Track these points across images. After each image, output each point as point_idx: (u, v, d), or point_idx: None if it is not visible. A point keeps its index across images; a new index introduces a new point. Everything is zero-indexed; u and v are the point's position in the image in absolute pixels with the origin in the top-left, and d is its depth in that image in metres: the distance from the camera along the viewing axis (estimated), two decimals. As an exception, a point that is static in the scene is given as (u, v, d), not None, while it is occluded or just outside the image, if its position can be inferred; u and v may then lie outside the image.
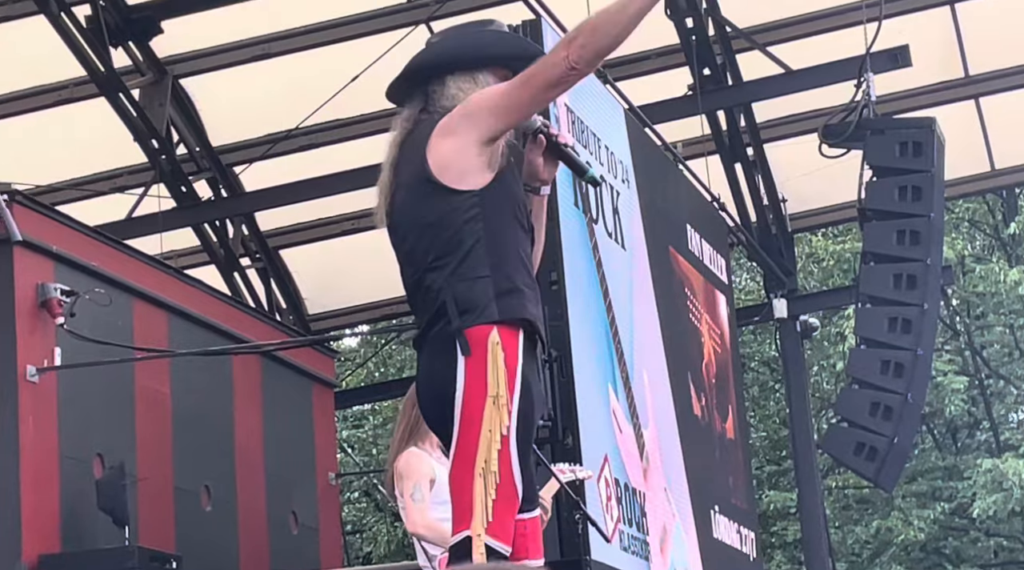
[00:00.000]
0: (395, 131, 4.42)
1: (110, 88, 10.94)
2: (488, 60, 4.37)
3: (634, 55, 11.53)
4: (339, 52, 11.22)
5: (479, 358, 4.11)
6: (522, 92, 4.16)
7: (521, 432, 4.13)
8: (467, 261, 4.18)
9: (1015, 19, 11.89)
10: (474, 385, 4.10)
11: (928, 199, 10.56)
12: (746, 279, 20.71)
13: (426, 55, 4.45)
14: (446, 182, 4.22)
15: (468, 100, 4.23)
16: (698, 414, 10.05)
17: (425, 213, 4.24)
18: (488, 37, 4.45)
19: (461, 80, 4.33)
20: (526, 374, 4.14)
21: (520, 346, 4.15)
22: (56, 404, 7.88)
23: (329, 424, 10.96)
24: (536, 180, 4.45)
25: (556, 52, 4.13)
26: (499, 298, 4.15)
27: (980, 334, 20.92)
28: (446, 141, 4.22)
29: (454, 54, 4.39)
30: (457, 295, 4.16)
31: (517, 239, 4.26)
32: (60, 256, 7.99)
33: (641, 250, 9.36)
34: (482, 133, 4.19)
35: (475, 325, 4.13)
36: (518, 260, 4.24)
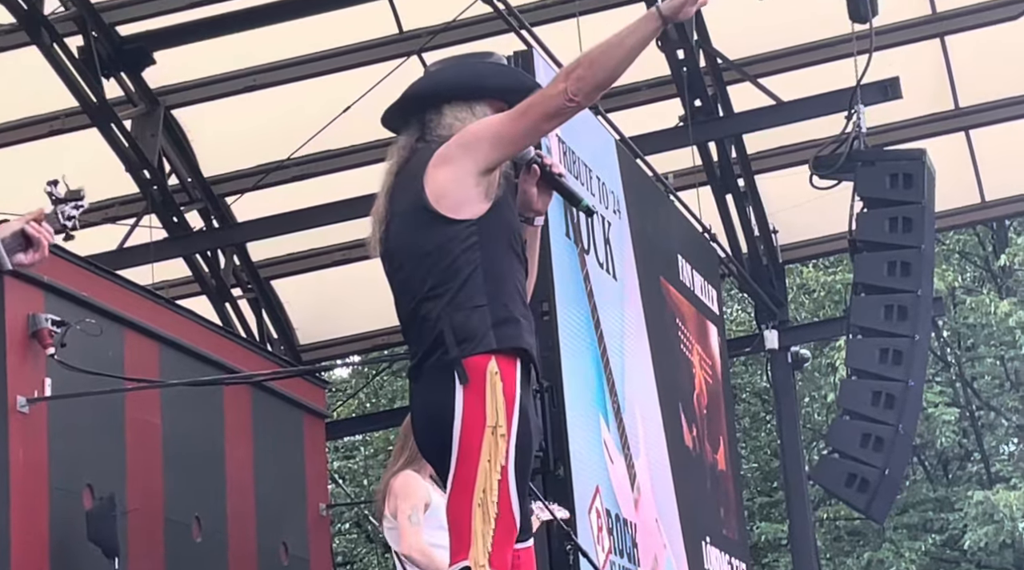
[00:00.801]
0: (391, 159, 4.43)
1: (102, 119, 10.96)
2: (486, 91, 4.39)
3: (625, 86, 11.56)
4: (331, 83, 11.24)
5: (477, 388, 4.11)
6: (519, 123, 4.17)
7: (519, 462, 4.12)
8: (464, 290, 4.18)
9: (1005, 51, 11.93)
10: (473, 415, 4.09)
11: (919, 230, 10.58)
12: (737, 310, 20.73)
13: (424, 84, 4.47)
14: (443, 211, 4.22)
15: (465, 130, 4.24)
16: (689, 445, 10.05)
17: (422, 242, 4.24)
18: (487, 68, 4.47)
19: (458, 110, 4.35)
20: (524, 404, 4.14)
21: (518, 376, 4.15)
22: (46, 435, 7.85)
23: (320, 455, 10.93)
24: (530, 210, 4.46)
25: (555, 84, 4.15)
26: (496, 327, 4.15)
27: (971, 366, 20.94)
28: (443, 170, 4.23)
29: (452, 84, 4.41)
30: (455, 324, 4.15)
31: (513, 269, 4.27)
32: (51, 286, 7.97)
33: (632, 281, 9.37)
34: (479, 163, 4.20)
35: (473, 355, 4.12)
36: (514, 289, 4.25)
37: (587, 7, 10.24)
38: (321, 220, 11.59)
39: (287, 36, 11.06)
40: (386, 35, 11.28)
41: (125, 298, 8.65)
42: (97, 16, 10.71)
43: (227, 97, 11.48)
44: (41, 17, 10.28)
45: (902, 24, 11.68)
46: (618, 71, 4.15)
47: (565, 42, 9.28)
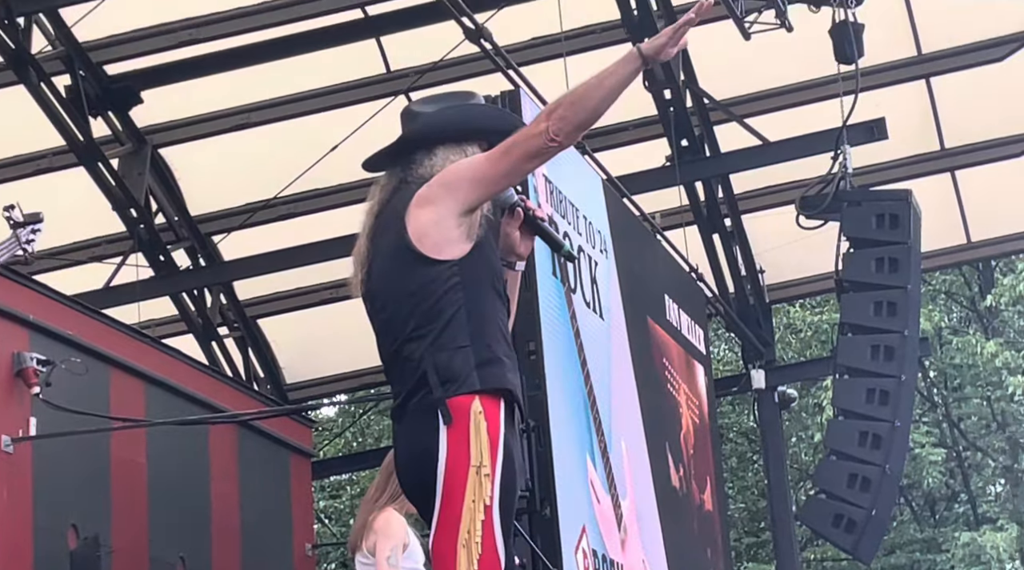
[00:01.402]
0: (372, 200, 4.43)
1: (89, 157, 10.96)
2: (477, 133, 4.39)
3: (612, 126, 11.60)
4: (318, 122, 11.26)
5: (461, 428, 4.10)
6: (501, 163, 4.17)
7: (503, 502, 4.12)
8: (447, 331, 4.17)
9: (990, 93, 11.99)
10: (457, 455, 4.08)
11: (905, 271, 10.60)
12: (724, 350, 20.73)
13: (414, 127, 4.46)
14: (425, 252, 4.21)
15: (446, 170, 4.23)
16: (676, 485, 10.03)
17: (405, 282, 4.24)
18: (476, 110, 4.47)
19: (449, 151, 4.35)
20: (508, 443, 4.13)
21: (502, 415, 4.14)
22: (31, 475, 7.82)
23: (306, 494, 10.89)
24: (512, 254, 4.45)
25: (536, 123, 4.15)
26: (480, 368, 4.14)
27: (957, 406, 20.95)
28: (425, 210, 4.23)
29: (443, 126, 4.40)
30: (438, 365, 4.14)
31: (495, 309, 4.26)
32: (36, 325, 7.95)
33: (619, 320, 9.36)
34: (461, 203, 4.19)
35: (457, 395, 4.11)
36: (497, 330, 4.24)
37: (573, 47, 10.27)
38: (308, 259, 11.59)
39: (274, 75, 11.08)
40: (373, 75, 11.31)
41: (111, 337, 8.62)
42: (84, 55, 10.73)
43: (214, 136, 11.49)
44: (28, 56, 10.29)
45: (888, 65, 11.74)
46: (599, 111, 4.16)
47: (552, 82, 9.30)
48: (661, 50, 4.19)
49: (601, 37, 11.11)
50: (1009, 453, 20.27)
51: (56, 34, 10.56)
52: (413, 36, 10.90)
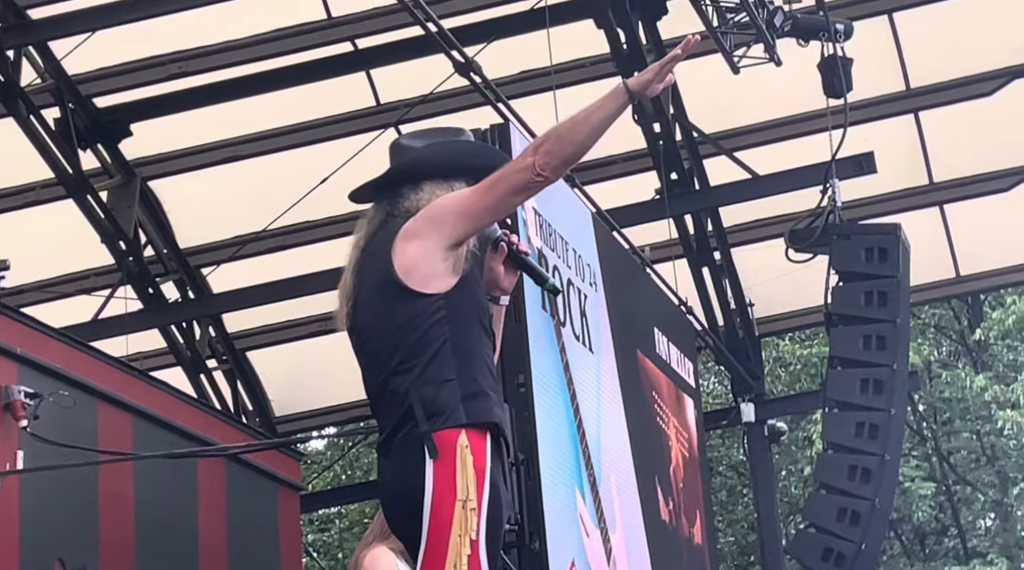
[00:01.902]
0: (358, 233, 4.43)
1: (78, 190, 10.95)
2: (464, 169, 4.40)
3: (602, 159, 11.62)
4: (308, 155, 11.27)
5: (447, 462, 4.09)
6: (487, 197, 4.18)
7: (490, 535, 4.11)
8: (433, 364, 4.16)
9: (978, 127, 12.02)
10: (443, 489, 4.08)
11: (894, 304, 10.60)
12: (714, 383, 20.72)
13: (402, 161, 4.47)
14: (412, 285, 4.21)
15: (433, 204, 4.24)
16: (666, 518, 10.01)
17: (390, 316, 4.23)
18: (464, 146, 4.48)
19: (436, 187, 4.35)
20: (494, 477, 4.13)
21: (488, 449, 4.14)
22: (18, 508, 7.79)
23: (294, 528, 10.87)
24: (497, 289, 4.46)
25: (523, 158, 4.16)
26: (466, 401, 4.13)
27: (947, 440, 20.94)
28: (411, 244, 4.23)
29: (431, 161, 4.41)
30: (424, 398, 4.13)
31: (481, 342, 4.26)
32: (24, 358, 7.93)
33: (609, 353, 9.36)
34: (447, 237, 4.19)
35: (443, 429, 4.10)
36: (483, 363, 4.24)
37: (563, 81, 10.30)
38: (297, 291, 11.58)
39: (264, 108, 11.10)
40: (363, 107, 11.33)
41: (99, 370, 8.61)
42: (74, 88, 10.74)
43: (203, 168, 11.50)
44: (18, 89, 10.30)
45: (876, 100, 11.77)
46: (586, 146, 4.17)
47: (541, 115, 9.30)
48: (648, 86, 4.21)
49: (590, 71, 11.14)
50: (999, 487, 20.25)
51: (46, 67, 10.57)
52: (403, 69, 10.92)
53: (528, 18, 10.42)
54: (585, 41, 10.77)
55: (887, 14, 11.53)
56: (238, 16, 10.54)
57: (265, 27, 10.74)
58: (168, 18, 10.29)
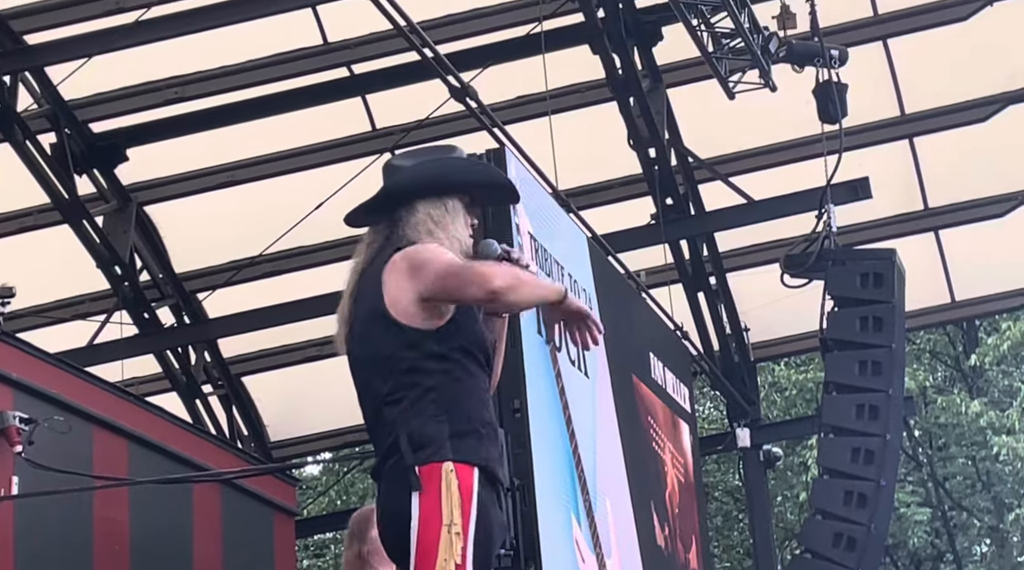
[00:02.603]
0: (356, 258, 4.43)
1: (74, 215, 10.96)
2: (457, 186, 4.41)
3: (597, 184, 11.64)
4: (304, 180, 11.28)
5: (432, 490, 4.10)
6: (451, 293, 4.23)
7: (479, 558, 4.11)
8: (423, 400, 4.18)
9: (974, 152, 12.04)
10: (428, 516, 4.09)
11: (889, 330, 10.60)
12: (709, 408, 20.71)
13: (395, 181, 4.46)
14: (400, 319, 4.22)
15: (420, 252, 4.25)
16: (661, 544, 9.99)
17: (382, 346, 4.23)
18: (454, 164, 4.49)
19: (431, 205, 4.36)
20: (482, 499, 4.12)
21: (475, 475, 4.14)
22: (12, 534, 7.77)
23: (290, 553, 10.84)
24: None
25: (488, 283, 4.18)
26: (453, 439, 4.14)
27: (942, 465, 20.92)
28: (395, 278, 4.23)
29: (422, 180, 4.41)
30: (411, 432, 4.15)
31: (474, 377, 4.26)
32: (19, 383, 7.92)
33: (604, 378, 9.35)
34: (421, 291, 4.21)
35: (429, 463, 4.12)
36: (475, 398, 4.23)
37: (558, 106, 10.32)
38: (293, 317, 11.58)
39: (259, 133, 11.11)
40: (359, 132, 11.34)
41: (94, 395, 8.59)
42: (70, 113, 10.75)
43: (199, 193, 11.51)
44: (14, 114, 10.31)
45: (872, 125, 11.79)
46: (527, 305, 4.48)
47: (537, 140, 9.33)
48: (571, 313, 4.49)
49: (586, 96, 11.17)
50: (994, 513, 20.23)
51: (42, 92, 10.58)
52: (399, 94, 10.94)
53: (524, 44, 10.44)
54: (581, 67, 10.79)
55: (882, 40, 11.57)
56: (234, 41, 10.56)
57: (261, 52, 10.76)
58: (164, 43, 10.31)
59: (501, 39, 10.68)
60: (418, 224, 4.32)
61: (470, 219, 4.43)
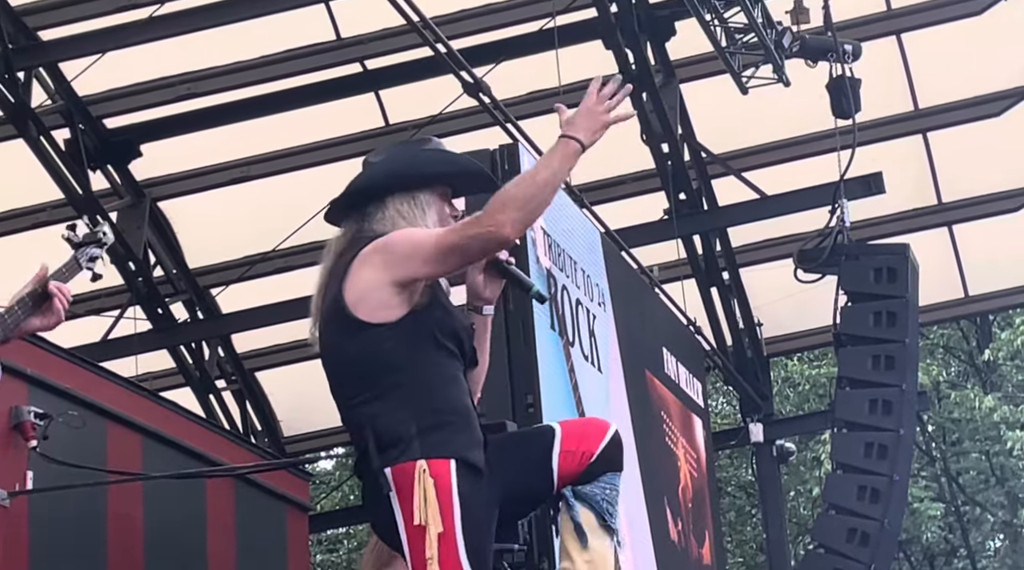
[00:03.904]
0: (326, 256, 4.39)
1: (88, 211, 10.95)
2: (428, 179, 4.32)
3: (610, 179, 11.63)
4: (317, 175, 11.29)
5: (407, 492, 4.03)
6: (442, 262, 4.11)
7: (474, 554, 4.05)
8: (385, 396, 4.10)
9: (987, 148, 12.03)
10: (410, 520, 4.02)
11: (903, 325, 10.60)
12: (722, 403, 20.70)
13: (365, 177, 4.43)
14: (359, 316, 4.14)
15: (392, 236, 4.16)
16: (674, 539, 9.99)
17: (344, 347, 4.18)
18: (426, 155, 4.39)
19: (399, 201, 4.29)
20: (464, 493, 4.04)
21: (453, 470, 4.04)
22: (27, 529, 7.79)
23: (303, 548, 10.85)
24: (479, 300, 4.39)
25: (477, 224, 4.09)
26: (422, 435, 4.04)
27: (956, 460, 20.89)
28: (364, 272, 4.16)
29: (393, 174, 4.33)
30: (377, 432, 4.08)
31: (443, 366, 4.14)
32: (34, 378, 7.93)
33: (617, 373, 9.35)
34: (395, 277, 4.11)
35: (398, 463, 4.04)
36: (442, 388, 4.11)
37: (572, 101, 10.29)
38: (306, 312, 11.45)
39: (273, 129, 11.12)
40: (372, 128, 11.35)
41: (108, 390, 8.61)
42: (84, 109, 10.77)
43: (213, 189, 11.52)
44: (28, 110, 10.32)
45: (885, 120, 11.78)
46: (537, 211, 4.23)
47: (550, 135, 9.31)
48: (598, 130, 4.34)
49: (599, 91, 11.14)
50: (1008, 508, 20.20)
51: (56, 88, 10.60)
52: (412, 90, 10.94)
53: (537, 39, 10.44)
54: (593, 61, 10.77)
55: (895, 35, 11.55)
56: (247, 37, 10.57)
57: (274, 48, 10.77)
58: (177, 39, 10.33)
59: (514, 34, 10.68)
60: (386, 219, 4.24)
61: (449, 210, 4.34)
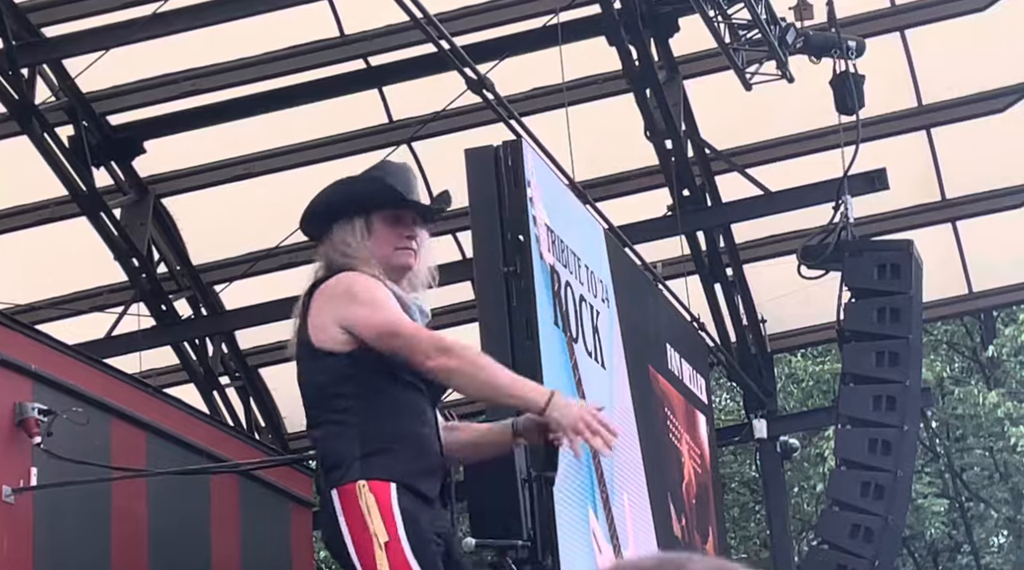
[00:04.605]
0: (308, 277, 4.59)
1: (92, 207, 10.98)
2: (361, 207, 4.47)
3: (614, 176, 11.63)
4: (320, 172, 11.26)
5: (354, 511, 4.20)
6: (377, 341, 4.24)
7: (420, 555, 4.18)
8: (337, 422, 4.29)
9: (991, 143, 12.02)
10: (358, 535, 4.19)
11: (906, 321, 10.60)
12: (726, 399, 20.69)
13: (308, 208, 4.62)
14: (317, 344, 4.35)
15: (340, 282, 4.33)
16: (678, 535, 10.00)
17: (307, 371, 4.41)
18: (360, 184, 4.57)
19: (342, 228, 4.46)
20: (407, 509, 4.20)
21: (392, 491, 4.20)
22: (32, 525, 7.80)
23: (307, 544, 10.86)
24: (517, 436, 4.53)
25: (422, 349, 4.18)
26: (364, 458, 4.22)
27: (960, 456, 20.89)
28: (318, 304, 4.37)
29: (332, 203, 4.54)
30: (324, 455, 4.31)
31: (397, 397, 4.31)
32: (38, 375, 7.94)
33: (621, 370, 9.36)
34: (338, 321, 4.31)
35: (340, 484, 4.23)
36: (397, 418, 4.28)
37: (575, 98, 10.31)
38: (310, 309, 11.58)
39: (277, 125, 11.12)
40: (376, 124, 11.35)
41: (112, 387, 8.62)
42: (88, 105, 10.77)
43: (217, 185, 11.52)
44: (32, 107, 10.33)
45: (889, 116, 11.78)
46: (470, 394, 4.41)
47: (554, 132, 9.34)
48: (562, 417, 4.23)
49: (602, 87, 11.16)
50: (1012, 504, 20.20)
51: (60, 85, 10.60)
52: (415, 86, 10.94)
53: (540, 35, 10.44)
54: (597, 58, 10.79)
55: (899, 31, 11.55)
56: (251, 34, 10.57)
57: (278, 45, 10.77)
58: (181, 36, 10.33)
59: (518, 31, 10.68)
60: (334, 247, 4.44)
61: (402, 232, 4.45)
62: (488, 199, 7.98)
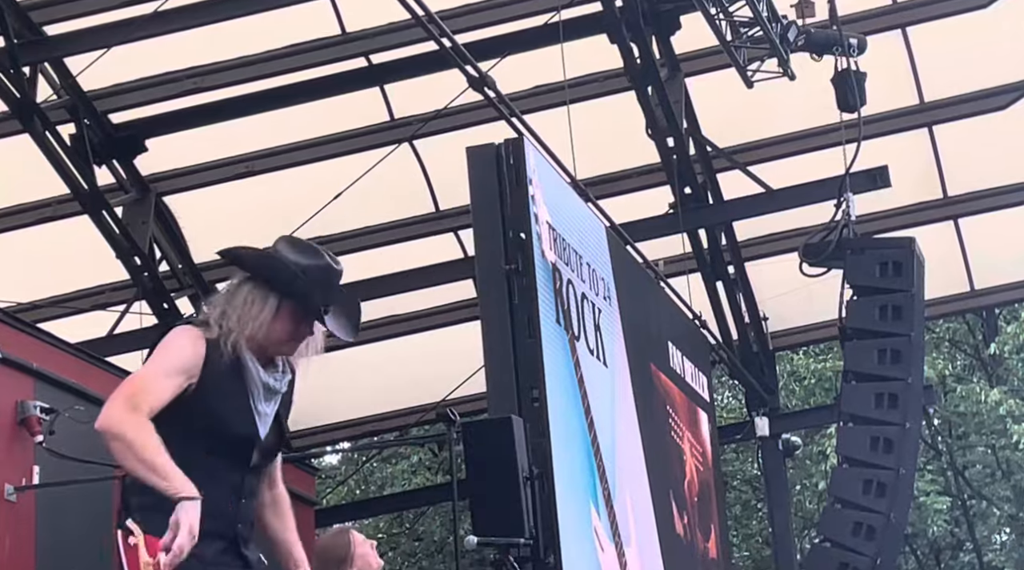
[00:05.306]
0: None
1: (93, 206, 10.97)
2: (285, 291, 4.71)
3: (615, 173, 11.63)
4: (322, 170, 11.29)
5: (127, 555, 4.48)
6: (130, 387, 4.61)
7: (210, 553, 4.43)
8: None
9: (993, 141, 12.02)
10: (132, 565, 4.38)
11: (908, 319, 10.59)
12: (728, 397, 20.69)
13: (244, 253, 4.97)
14: None
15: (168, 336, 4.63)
16: (680, 532, 10.00)
17: None
18: (298, 275, 4.75)
19: (253, 293, 4.80)
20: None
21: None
22: (34, 523, 7.80)
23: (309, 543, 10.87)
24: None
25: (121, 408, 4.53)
26: (142, 509, 4.44)
27: (962, 454, 20.88)
28: None
29: (264, 267, 4.87)
30: (123, 490, 4.59)
31: (190, 454, 4.41)
32: (40, 373, 7.94)
33: (623, 367, 9.35)
34: None
35: (119, 527, 4.49)
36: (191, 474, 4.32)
37: (576, 95, 10.31)
38: (311, 307, 11.56)
39: (278, 123, 11.12)
40: (377, 122, 11.34)
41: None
42: (89, 104, 10.77)
43: (218, 184, 11.52)
44: (34, 105, 10.32)
45: (890, 114, 11.77)
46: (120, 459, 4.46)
47: (555, 129, 9.33)
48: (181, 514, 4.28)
49: (604, 85, 11.15)
50: (1014, 502, 20.20)
51: (61, 83, 10.60)
52: (417, 84, 10.94)
53: (542, 33, 10.43)
54: (598, 55, 10.78)
55: (900, 28, 11.54)
56: (252, 32, 10.56)
57: (280, 43, 10.77)
58: (183, 34, 10.32)
59: (519, 28, 10.68)
60: (235, 304, 4.71)
61: (302, 329, 4.65)
62: (490, 197, 7.98)
